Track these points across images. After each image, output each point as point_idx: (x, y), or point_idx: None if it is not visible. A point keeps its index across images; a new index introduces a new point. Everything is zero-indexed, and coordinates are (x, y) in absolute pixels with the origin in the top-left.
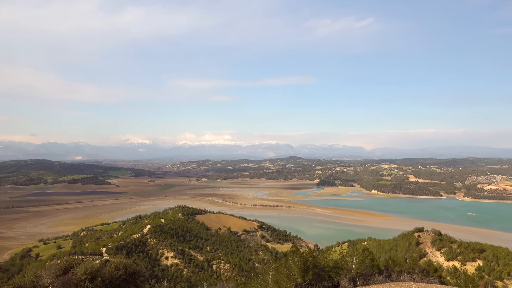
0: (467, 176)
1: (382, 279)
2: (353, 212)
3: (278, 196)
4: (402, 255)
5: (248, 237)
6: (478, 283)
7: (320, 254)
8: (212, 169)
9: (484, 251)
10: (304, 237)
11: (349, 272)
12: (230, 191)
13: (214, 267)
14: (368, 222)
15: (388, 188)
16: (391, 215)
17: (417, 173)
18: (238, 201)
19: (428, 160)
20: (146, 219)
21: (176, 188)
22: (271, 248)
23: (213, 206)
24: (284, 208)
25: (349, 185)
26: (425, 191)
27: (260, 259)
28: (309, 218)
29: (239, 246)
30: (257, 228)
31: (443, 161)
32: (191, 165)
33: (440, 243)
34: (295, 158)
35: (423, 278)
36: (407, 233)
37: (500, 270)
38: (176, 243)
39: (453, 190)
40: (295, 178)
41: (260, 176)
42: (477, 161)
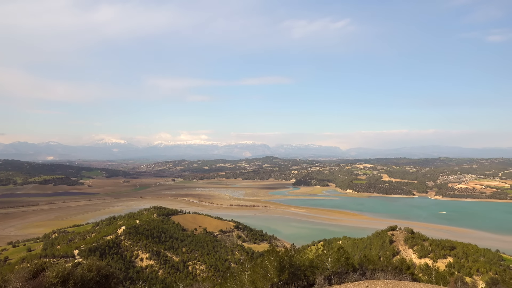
0: (439, 175)
1: (356, 277)
2: (328, 211)
3: (255, 196)
4: (376, 253)
5: (225, 237)
6: (449, 279)
7: (296, 253)
8: (188, 169)
9: (455, 248)
10: (280, 236)
11: (325, 271)
12: (207, 191)
13: (190, 268)
14: (343, 221)
15: (363, 188)
16: (365, 214)
17: (390, 172)
18: (214, 201)
19: (402, 160)
20: (121, 220)
21: (152, 189)
22: (248, 248)
23: (189, 206)
24: (260, 208)
25: (325, 185)
26: (398, 190)
27: (236, 259)
28: (285, 217)
29: (215, 247)
30: (233, 228)
31: (416, 160)
32: (166, 165)
33: (412, 241)
34: (272, 158)
35: (396, 276)
36: (381, 231)
37: (469, 266)
38: (151, 244)
39: (425, 189)
40: (272, 178)
41: (236, 176)
42: (448, 161)
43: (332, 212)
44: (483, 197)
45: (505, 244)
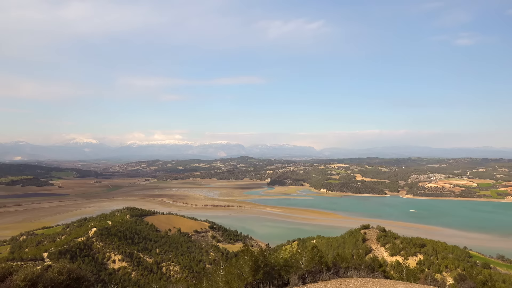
0: (410, 174)
1: (330, 276)
2: (303, 210)
3: (229, 196)
4: (349, 252)
5: (199, 237)
6: (419, 276)
7: (271, 253)
8: (162, 170)
9: (425, 245)
10: (255, 236)
11: (299, 270)
12: (181, 191)
13: (164, 269)
14: (318, 220)
15: (336, 187)
16: (339, 213)
17: (363, 172)
18: (188, 202)
19: (374, 159)
20: (92, 221)
21: (124, 189)
22: (222, 248)
23: (163, 207)
24: (235, 208)
25: (299, 184)
26: (371, 190)
27: (211, 259)
28: (260, 217)
29: (189, 247)
30: (208, 228)
31: (388, 160)
32: (140, 165)
33: (384, 239)
34: (246, 158)
35: (369, 273)
36: (354, 230)
37: (439, 263)
38: (124, 245)
39: (397, 188)
40: (246, 178)
41: (211, 176)
42: (419, 161)
43: (306, 212)
44: (451, 196)
45: (472, 241)
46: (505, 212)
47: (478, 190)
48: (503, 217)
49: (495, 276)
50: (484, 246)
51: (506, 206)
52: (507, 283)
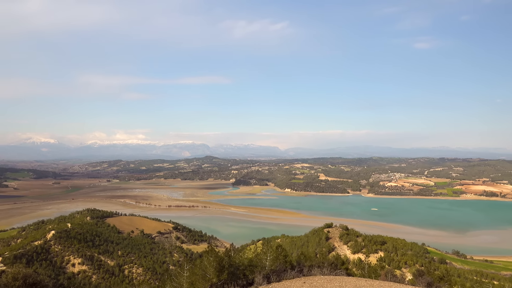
0: (371, 174)
1: (294, 274)
2: (267, 210)
3: (194, 196)
4: (313, 250)
5: (163, 239)
6: (380, 272)
7: (236, 253)
8: (124, 170)
9: (385, 243)
10: (220, 236)
11: (263, 269)
12: (144, 192)
13: (126, 272)
14: (282, 220)
15: (301, 187)
16: (303, 212)
17: (327, 172)
18: (152, 203)
19: (337, 159)
20: (50, 224)
21: (85, 190)
22: (186, 249)
23: (125, 208)
24: (199, 208)
25: (264, 184)
26: (334, 189)
27: (175, 260)
28: (224, 217)
29: (153, 249)
30: (171, 229)
31: (350, 160)
32: (101, 165)
33: (347, 237)
34: (211, 158)
35: (332, 271)
36: (317, 229)
37: (398, 260)
38: (84, 248)
39: (359, 187)
40: (211, 178)
41: (175, 176)
42: (380, 160)
43: (271, 211)
44: (410, 194)
45: (430, 238)
46: (460, 210)
47: (435, 188)
48: (458, 214)
49: (451, 271)
50: (441, 242)
51: (461, 203)
52: (461, 277)
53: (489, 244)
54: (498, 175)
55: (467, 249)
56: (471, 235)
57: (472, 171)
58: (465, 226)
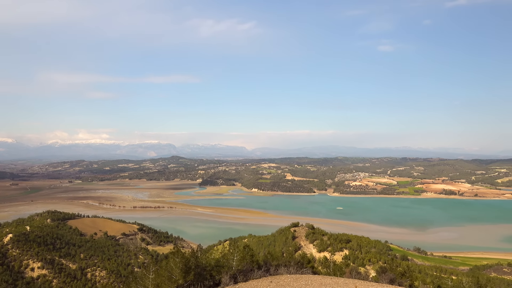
0: (337, 173)
1: (261, 274)
2: (234, 210)
3: (160, 197)
4: (280, 250)
5: (127, 240)
6: (345, 270)
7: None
8: (87, 170)
9: (350, 241)
10: (186, 237)
11: (230, 270)
12: (108, 193)
13: (89, 275)
14: (249, 220)
15: (267, 186)
16: (270, 212)
17: (293, 171)
18: (116, 204)
19: (303, 159)
20: (7, 227)
21: (45, 192)
22: (152, 250)
23: (88, 209)
24: (165, 209)
25: (231, 184)
26: (300, 188)
27: (140, 262)
28: (191, 218)
29: (117, 251)
30: (136, 231)
31: (316, 160)
32: (62, 166)
33: (313, 236)
34: (178, 158)
35: (298, 270)
36: (284, 228)
37: (362, 257)
38: (45, 252)
39: (325, 187)
40: (178, 178)
41: (140, 176)
42: (345, 160)
43: (238, 211)
44: (374, 193)
45: (393, 235)
46: (421, 207)
47: (398, 187)
48: (419, 212)
49: (412, 267)
50: (403, 239)
51: (421, 201)
52: (422, 273)
53: (448, 241)
54: (456, 174)
55: (427, 245)
56: (431, 232)
57: (432, 170)
58: (425, 224)
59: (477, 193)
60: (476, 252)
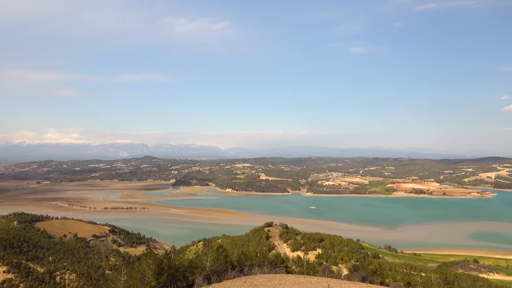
0: (310, 173)
1: (235, 274)
2: (208, 210)
3: (132, 197)
4: (254, 249)
5: (98, 242)
6: (318, 269)
7: (176, 254)
8: (56, 171)
9: (323, 240)
10: (159, 238)
11: (204, 270)
12: (78, 194)
13: (58, 279)
14: (223, 220)
15: (242, 186)
16: (244, 212)
17: (267, 171)
18: (87, 205)
19: (277, 159)
20: None
21: (11, 193)
22: (124, 252)
23: (57, 211)
24: (138, 210)
25: (205, 184)
26: (274, 188)
27: (111, 265)
28: (164, 218)
29: (87, 253)
30: (108, 232)
31: (290, 160)
32: (30, 166)
33: (286, 235)
34: (151, 158)
35: (272, 270)
36: (258, 228)
37: (335, 256)
38: (11, 255)
39: (298, 187)
40: (150, 178)
41: (112, 177)
42: (318, 160)
43: (212, 211)
44: (347, 193)
45: (364, 234)
46: (391, 206)
47: (370, 187)
48: (390, 211)
49: (384, 265)
50: (374, 238)
51: (392, 201)
52: (393, 270)
53: (417, 239)
54: (425, 174)
55: (398, 243)
56: (401, 230)
57: (402, 170)
58: (396, 222)
59: (445, 192)
60: (444, 249)
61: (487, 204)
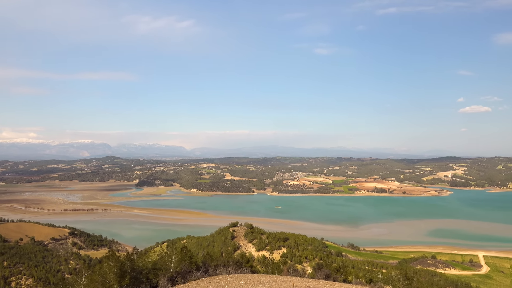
0: (275, 173)
1: (200, 275)
2: (172, 211)
3: (93, 198)
4: (219, 250)
5: (57, 245)
6: (283, 268)
7: (139, 256)
8: (11, 171)
9: (288, 239)
10: (122, 240)
11: (168, 272)
12: (35, 195)
13: (13, 284)
14: (188, 221)
15: (207, 187)
16: (209, 212)
17: (233, 171)
18: (45, 207)
19: (243, 159)
20: None
21: None
22: (85, 255)
23: (12, 213)
24: (99, 211)
25: (169, 185)
26: (239, 188)
27: (71, 268)
28: (127, 220)
29: (45, 257)
30: (67, 235)
31: (256, 160)
32: None
33: (252, 235)
34: (113, 158)
35: (237, 269)
36: (223, 228)
37: (300, 255)
38: None
39: (264, 186)
40: (113, 179)
41: (72, 178)
42: (283, 160)
43: (176, 212)
44: (311, 192)
45: (328, 232)
46: (354, 205)
47: (333, 186)
48: (353, 209)
49: (346, 263)
50: (338, 236)
51: (355, 199)
52: (355, 268)
53: (378, 236)
54: (386, 173)
55: (360, 241)
56: (363, 229)
57: (365, 169)
58: (358, 221)
59: (405, 191)
60: (404, 246)
61: (444, 202)
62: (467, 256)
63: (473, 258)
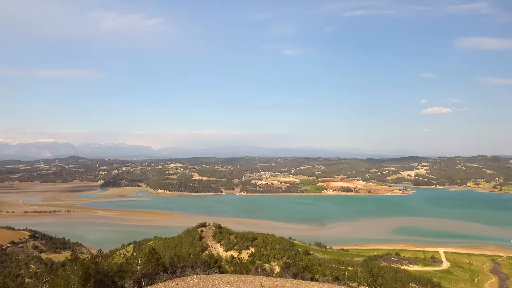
0: (244, 173)
1: (167, 277)
2: (139, 212)
3: (56, 200)
4: (187, 251)
5: (17, 249)
6: (251, 268)
7: (104, 259)
8: None
9: (256, 239)
10: (86, 242)
11: (134, 274)
12: None
13: None
14: (155, 221)
15: (174, 187)
16: (177, 213)
17: (201, 171)
18: (3, 209)
19: (211, 159)
20: None
21: None
22: (46, 259)
23: None
24: (62, 213)
25: (136, 185)
26: (208, 188)
27: (32, 273)
28: (91, 221)
29: (4, 261)
30: (28, 238)
31: (224, 159)
32: None
33: (220, 235)
34: (77, 158)
35: (205, 270)
36: (191, 229)
37: (268, 254)
38: None
39: (232, 186)
40: (76, 180)
41: (33, 178)
42: (252, 160)
43: (143, 213)
44: (279, 192)
45: (296, 232)
46: (321, 204)
47: (301, 185)
48: (320, 208)
49: (314, 261)
50: (305, 235)
51: (322, 198)
52: (322, 266)
53: (345, 234)
54: (353, 172)
55: (327, 240)
56: (330, 227)
57: (332, 169)
58: (325, 219)
59: (371, 190)
60: (369, 244)
61: (407, 201)
62: (429, 253)
63: (434, 254)
